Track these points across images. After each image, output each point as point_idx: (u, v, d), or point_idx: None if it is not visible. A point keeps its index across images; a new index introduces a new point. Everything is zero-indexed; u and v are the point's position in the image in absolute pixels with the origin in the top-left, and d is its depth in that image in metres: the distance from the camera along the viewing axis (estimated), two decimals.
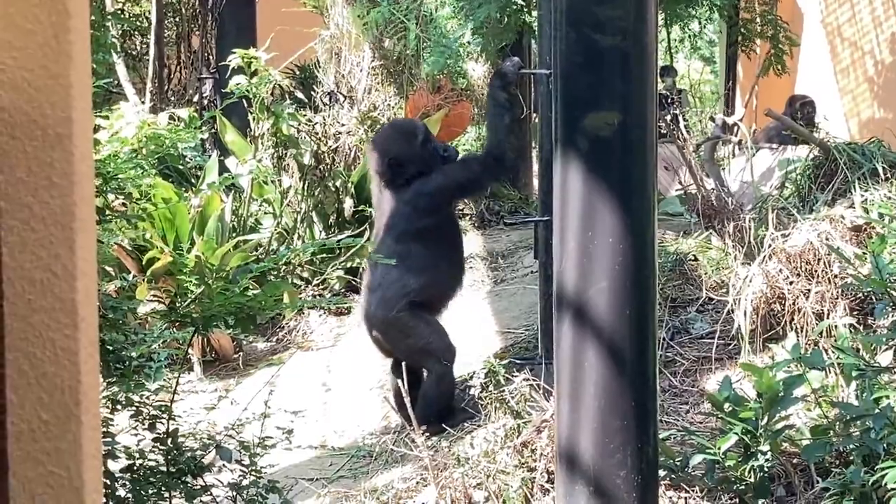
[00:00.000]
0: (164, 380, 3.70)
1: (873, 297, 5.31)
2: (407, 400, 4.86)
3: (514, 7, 6.76)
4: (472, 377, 5.65)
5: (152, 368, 3.55)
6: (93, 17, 9.33)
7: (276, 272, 7.37)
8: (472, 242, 8.89)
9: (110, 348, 3.31)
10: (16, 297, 1.28)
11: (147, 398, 3.58)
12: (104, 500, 3.10)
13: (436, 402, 5.55)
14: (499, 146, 5.47)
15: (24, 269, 1.27)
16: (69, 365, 1.32)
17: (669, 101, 10.04)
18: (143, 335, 3.44)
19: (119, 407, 3.51)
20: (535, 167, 10.00)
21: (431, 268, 5.57)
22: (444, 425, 5.44)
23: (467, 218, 9.45)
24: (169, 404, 3.58)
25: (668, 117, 8.69)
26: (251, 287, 4.29)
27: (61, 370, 1.32)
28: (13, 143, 1.26)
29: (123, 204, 6.11)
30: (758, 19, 8.33)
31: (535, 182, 9.86)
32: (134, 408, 3.54)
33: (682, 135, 7.87)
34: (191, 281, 3.92)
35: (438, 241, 5.61)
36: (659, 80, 8.11)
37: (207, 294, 3.63)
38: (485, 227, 9.24)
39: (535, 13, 7.04)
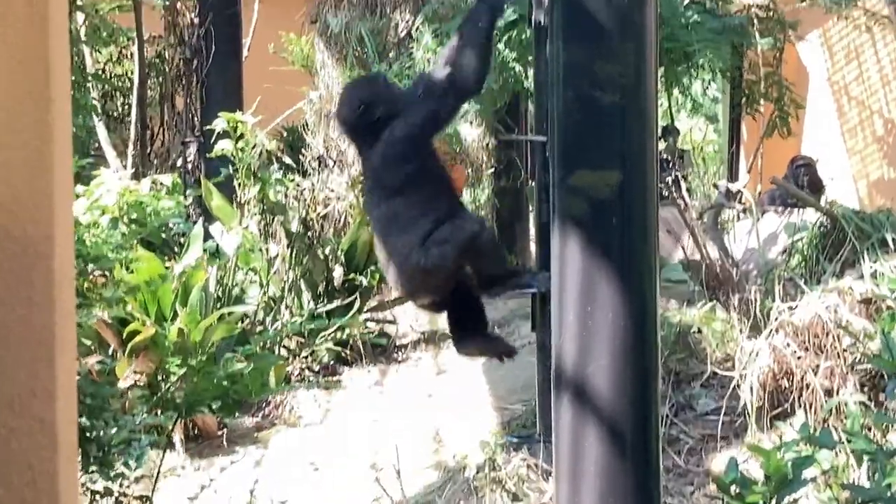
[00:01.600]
0: (146, 465, 3.70)
1: (885, 374, 5.31)
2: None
3: (513, 73, 6.79)
4: (466, 457, 5.65)
5: (132, 455, 3.54)
6: (73, 78, 9.39)
7: (262, 345, 7.36)
8: None
9: (90, 435, 3.31)
10: None
11: (127, 487, 3.57)
12: None
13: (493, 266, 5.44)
14: (466, 67, 5.11)
15: (1, 391, 1.28)
16: (48, 489, 1.32)
17: (671, 163, 10.08)
18: (122, 422, 3.44)
19: (98, 497, 3.51)
20: (531, 232, 10.06)
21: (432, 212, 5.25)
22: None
23: None
24: (150, 495, 3.58)
25: (669, 179, 8.72)
26: (238, 361, 4.30)
27: (40, 496, 1.32)
28: None
29: (104, 275, 6.12)
30: (762, 81, 8.39)
31: (532, 247, 9.90)
32: (114, 498, 3.53)
33: (685, 199, 7.90)
34: (173, 362, 3.92)
35: (424, 190, 5.26)
36: (660, 140, 8.15)
37: (191, 376, 3.64)
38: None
39: (531, 74, 7.09)
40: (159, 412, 3.85)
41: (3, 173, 1.27)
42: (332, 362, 7.85)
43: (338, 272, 8.09)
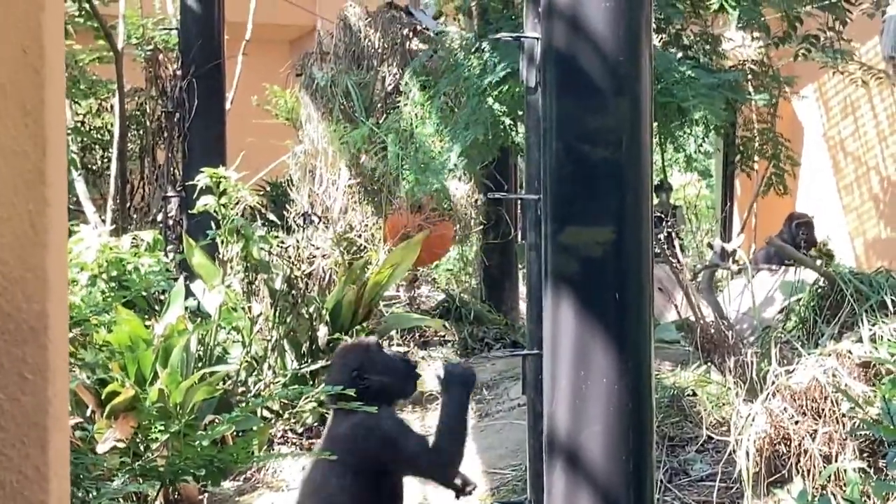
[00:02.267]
0: None
1: (885, 441, 5.32)
2: None
3: (502, 127, 6.83)
4: None
5: None
6: None
7: (244, 405, 7.33)
8: None
9: None
10: None
11: None
12: None
13: None
14: (452, 456, 4.92)
15: None
16: None
17: (664, 220, 10.13)
18: (104, 492, 3.42)
19: None
20: (522, 290, 10.08)
21: None
22: None
23: (449, 345, 9.46)
24: None
25: (662, 235, 8.76)
26: (217, 422, 4.27)
27: None
28: None
29: (84, 334, 6.11)
30: (757, 138, 8.45)
31: (522, 305, 9.92)
32: None
33: (678, 257, 7.93)
34: (156, 428, 3.90)
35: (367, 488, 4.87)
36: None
37: (173, 443, 3.62)
38: (468, 354, 9.24)
39: (522, 129, 7.12)
40: (141, 480, 3.82)
41: None
42: (315, 424, 7.83)
43: (322, 332, 8.08)
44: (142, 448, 4.59)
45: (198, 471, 3.45)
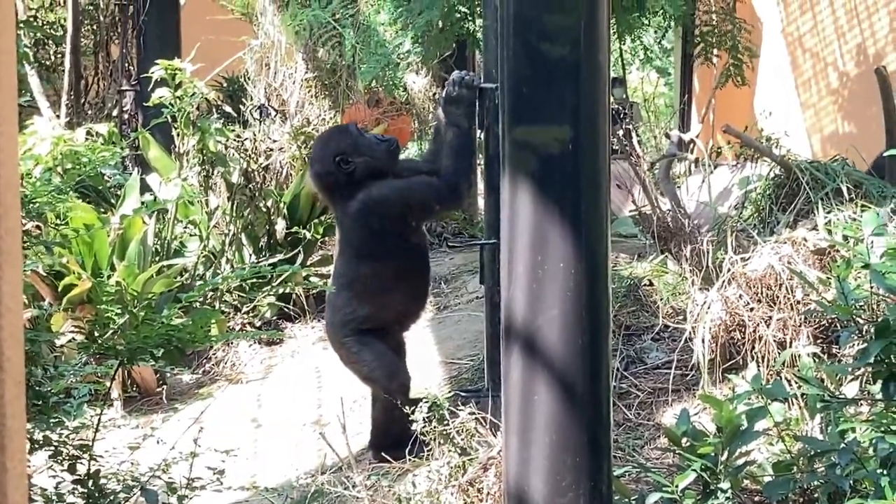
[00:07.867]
0: (85, 417, 3.69)
1: (838, 325, 5.38)
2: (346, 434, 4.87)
3: (458, 15, 6.78)
4: (414, 412, 5.65)
5: (72, 405, 3.54)
6: None
7: (203, 300, 7.34)
8: None
9: (28, 383, 3.30)
10: None
11: (66, 437, 3.56)
12: None
13: (384, 432, 5.61)
14: (457, 174, 5.42)
15: None
16: None
17: (622, 115, 10.11)
18: (62, 369, 3.43)
19: (36, 446, 3.50)
20: (480, 185, 10.08)
21: (382, 293, 5.52)
22: (395, 453, 5.42)
23: None
24: (90, 443, 3.57)
25: (621, 132, 8.76)
26: (177, 316, 4.29)
27: None
28: None
29: (38, 227, 6.09)
30: (716, 28, 8.43)
31: (480, 201, 9.92)
32: (52, 447, 3.53)
33: (636, 151, 7.94)
34: (113, 310, 3.89)
35: (395, 261, 5.51)
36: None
37: (132, 324, 3.62)
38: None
39: (479, 21, 7.08)
40: (97, 363, 3.83)
41: None
42: (274, 318, 7.85)
43: (280, 225, 8.07)
44: (100, 335, 4.60)
45: (156, 350, 3.45)
